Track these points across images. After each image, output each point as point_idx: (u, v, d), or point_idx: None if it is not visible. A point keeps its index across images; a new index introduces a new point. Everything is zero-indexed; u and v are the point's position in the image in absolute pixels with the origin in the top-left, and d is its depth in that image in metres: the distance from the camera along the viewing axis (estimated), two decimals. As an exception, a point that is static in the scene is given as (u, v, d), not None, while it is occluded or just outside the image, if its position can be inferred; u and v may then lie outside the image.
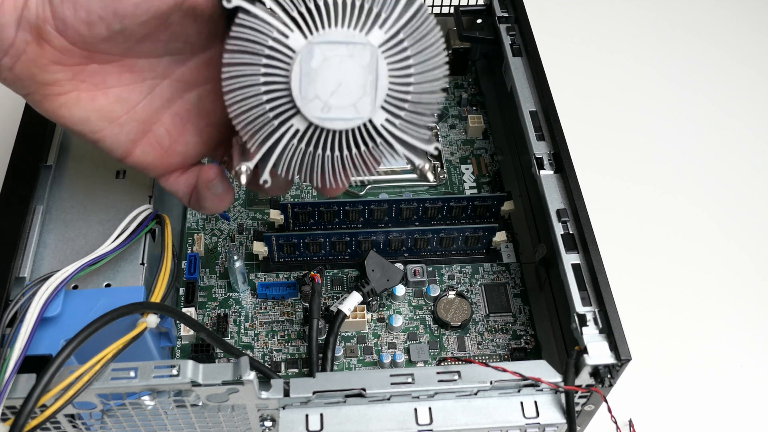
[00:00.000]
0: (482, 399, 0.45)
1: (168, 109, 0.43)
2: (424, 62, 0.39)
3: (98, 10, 0.36)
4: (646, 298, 0.65)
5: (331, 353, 0.52)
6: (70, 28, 0.37)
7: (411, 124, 0.40)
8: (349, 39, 0.37)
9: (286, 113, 0.38)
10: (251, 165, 0.40)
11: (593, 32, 0.90)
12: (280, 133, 0.39)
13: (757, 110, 0.82)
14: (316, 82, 0.37)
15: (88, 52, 0.39)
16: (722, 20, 0.92)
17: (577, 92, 0.81)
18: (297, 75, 0.37)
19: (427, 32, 0.38)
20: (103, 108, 0.41)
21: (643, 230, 0.71)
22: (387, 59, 0.38)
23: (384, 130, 0.39)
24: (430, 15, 0.38)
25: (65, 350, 0.39)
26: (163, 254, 0.49)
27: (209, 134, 0.45)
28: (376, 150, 0.40)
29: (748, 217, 0.72)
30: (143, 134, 0.43)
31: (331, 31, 0.37)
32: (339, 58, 0.37)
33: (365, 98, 0.38)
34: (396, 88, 0.38)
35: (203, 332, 0.46)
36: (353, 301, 0.55)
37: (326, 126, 0.38)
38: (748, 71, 0.86)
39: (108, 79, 0.41)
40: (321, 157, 0.40)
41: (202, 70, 0.43)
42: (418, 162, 0.41)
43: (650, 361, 0.60)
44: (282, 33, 0.37)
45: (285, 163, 0.40)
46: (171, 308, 0.46)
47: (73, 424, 0.45)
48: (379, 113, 0.39)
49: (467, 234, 0.59)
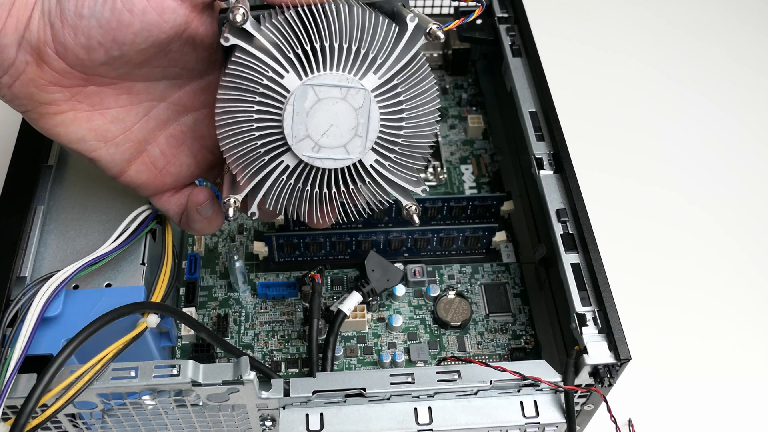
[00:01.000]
0: (482, 399, 0.45)
1: (163, 130, 0.44)
2: (417, 108, 0.39)
3: (98, 36, 0.37)
4: (646, 298, 0.65)
5: (332, 353, 0.52)
6: (70, 52, 0.37)
7: (400, 166, 0.41)
8: (343, 83, 0.37)
9: (277, 150, 0.39)
10: (239, 198, 0.41)
11: (593, 32, 0.90)
12: (270, 169, 0.39)
13: (757, 109, 0.82)
14: (309, 122, 0.38)
15: (87, 75, 0.39)
16: (722, 20, 0.92)
17: (576, 92, 0.81)
18: (290, 114, 0.38)
19: (421, 79, 0.39)
20: (99, 128, 0.41)
21: (642, 230, 0.71)
22: (380, 103, 0.38)
23: (373, 170, 0.40)
24: (424, 62, 0.39)
25: (66, 350, 0.39)
26: (164, 254, 0.49)
27: (203, 157, 0.45)
28: (364, 189, 0.41)
29: (748, 217, 0.72)
30: (138, 154, 0.43)
31: (326, 75, 0.37)
32: (332, 100, 0.38)
33: (356, 140, 0.39)
34: (387, 131, 0.39)
35: (203, 332, 0.46)
36: (353, 301, 0.55)
37: (316, 165, 0.39)
38: (749, 71, 0.86)
39: (105, 101, 0.41)
40: (309, 193, 0.40)
41: (198, 94, 0.43)
42: (406, 203, 0.42)
43: (650, 361, 0.60)
44: (277, 73, 0.37)
45: (273, 196, 0.40)
46: (171, 308, 0.46)
47: (74, 424, 0.45)
48: (369, 154, 0.39)
49: (467, 234, 0.59)
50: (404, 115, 0.39)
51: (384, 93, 0.38)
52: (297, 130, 0.38)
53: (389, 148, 0.40)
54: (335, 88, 0.37)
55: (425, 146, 0.41)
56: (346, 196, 0.41)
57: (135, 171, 0.43)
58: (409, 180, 0.42)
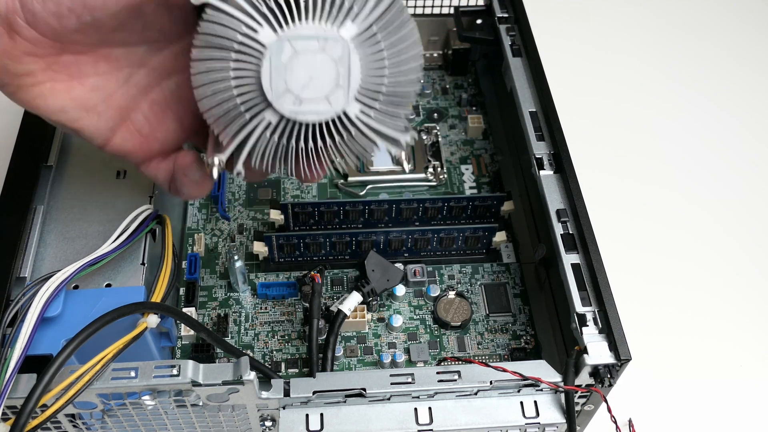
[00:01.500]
0: (482, 399, 0.45)
1: (146, 96, 0.43)
2: (398, 54, 0.38)
3: (67, 2, 0.36)
4: (646, 298, 0.65)
5: (332, 353, 0.52)
6: (40, 20, 0.37)
7: (386, 114, 0.40)
8: (320, 33, 0.37)
9: (257, 107, 0.38)
10: (224, 157, 0.40)
11: (593, 32, 0.90)
12: (252, 126, 0.38)
13: (757, 109, 0.82)
14: (288, 76, 0.37)
15: (61, 44, 0.38)
16: (722, 20, 0.92)
17: (576, 92, 0.81)
18: (267, 69, 0.37)
19: (400, 24, 0.38)
20: (80, 97, 0.41)
21: (643, 230, 0.71)
22: (360, 52, 0.37)
23: (358, 120, 0.39)
24: (403, 7, 0.38)
25: (66, 350, 0.39)
26: (164, 254, 0.49)
27: (189, 120, 0.44)
28: (351, 140, 0.40)
29: (748, 217, 0.72)
30: (122, 122, 0.43)
31: (302, 26, 0.36)
32: (310, 53, 0.37)
33: (338, 91, 0.38)
34: (370, 80, 0.38)
35: (203, 332, 0.46)
36: (353, 301, 0.55)
37: (299, 119, 0.38)
38: (749, 71, 0.86)
39: (83, 69, 0.40)
40: (295, 149, 0.39)
41: (179, 58, 0.42)
42: (395, 151, 0.41)
43: (650, 361, 0.60)
44: (251, 28, 0.36)
45: (258, 154, 0.39)
46: (171, 308, 0.46)
47: (74, 424, 0.45)
48: (353, 105, 0.38)
49: (467, 234, 0.59)
50: (386, 63, 0.38)
51: (363, 41, 0.37)
52: (276, 85, 0.37)
53: (373, 97, 0.39)
54: (312, 40, 0.37)
55: (410, 93, 0.40)
56: (333, 148, 0.40)
57: (120, 139, 0.43)
58: (397, 128, 0.40)
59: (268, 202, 0.64)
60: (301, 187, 0.66)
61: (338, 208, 0.60)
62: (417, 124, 0.71)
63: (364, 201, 0.60)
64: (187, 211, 0.64)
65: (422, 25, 0.74)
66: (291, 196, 0.65)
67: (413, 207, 0.61)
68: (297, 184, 0.66)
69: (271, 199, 0.65)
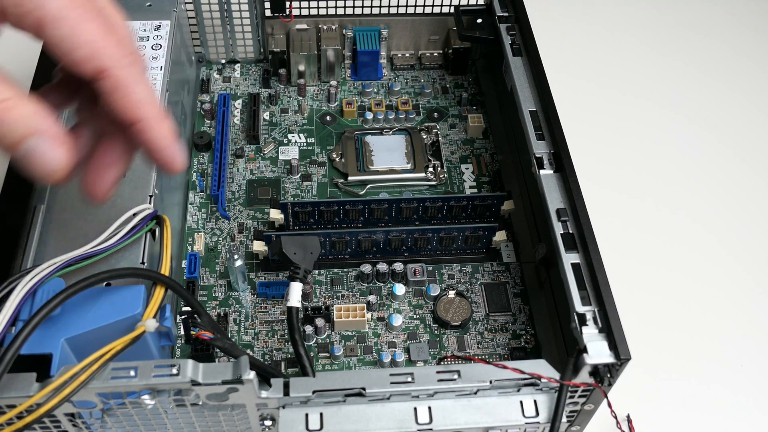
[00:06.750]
0: (482, 398, 0.45)
1: None
2: None
3: None
4: (646, 298, 0.65)
5: (303, 350, 0.50)
6: None
7: None
8: None
9: None
10: None
11: (593, 31, 0.90)
12: None
13: (758, 109, 0.82)
14: None
15: None
16: (723, 20, 0.92)
17: (577, 91, 0.81)
18: None
19: None
20: None
21: (642, 229, 0.70)
22: None
23: None
24: None
25: (53, 301, 0.40)
26: (162, 253, 0.48)
27: None
28: None
29: (748, 216, 0.72)
30: None
31: None
32: None
33: None
34: None
35: (205, 316, 0.46)
36: (296, 291, 0.52)
37: None
38: (750, 71, 0.86)
39: None
40: None
41: None
42: None
43: (650, 361, 0.60)
44: None
45: None
46: (172, 281, 0.46)
47: (74, 423, 0.45)
48: None
49: (467, 233, 0.59)
50: None
51: None
52: None
53: None
54: None
55: None
56: None
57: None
58: None
59: (268, 201, 0.64)
60: (301, 187, 0.66)
61: (338, 208, 0.60)
62: (417, 123, 0.71)
63: (364, 200, 0.60)
64: (187, 210, 0.64)
65: (423, 25, 0.74)
66: (291, 196, 0.65)
67: (413, 206, 0.61)
68: (297, 184, 0.66)
69: (271, 199, 0.65)
